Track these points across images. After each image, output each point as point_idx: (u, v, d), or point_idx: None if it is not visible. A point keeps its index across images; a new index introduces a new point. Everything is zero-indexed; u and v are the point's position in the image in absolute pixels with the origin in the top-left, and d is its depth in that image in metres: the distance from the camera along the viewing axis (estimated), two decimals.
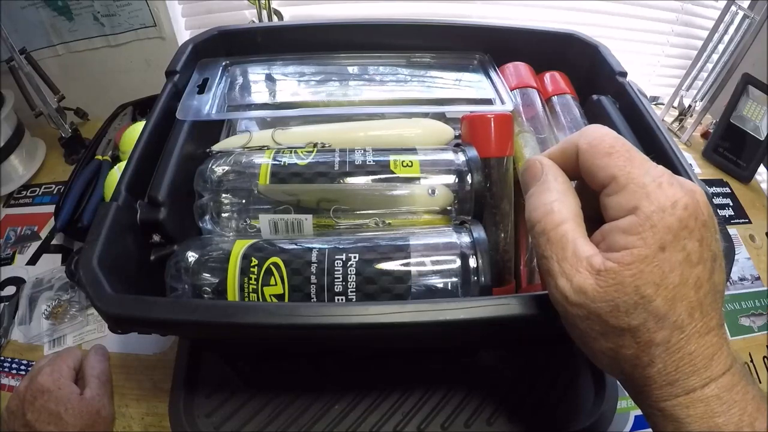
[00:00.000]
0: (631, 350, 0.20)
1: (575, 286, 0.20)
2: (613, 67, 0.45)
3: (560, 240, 0.21)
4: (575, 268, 0.20)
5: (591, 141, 0.22)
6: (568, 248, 0.21)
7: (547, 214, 0.22)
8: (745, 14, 0.65)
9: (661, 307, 0.20)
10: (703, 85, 0.75)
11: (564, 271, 0.21)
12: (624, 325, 0.20)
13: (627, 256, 0.20)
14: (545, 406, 0.42)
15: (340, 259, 0.31)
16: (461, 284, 0.32)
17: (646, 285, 0.19)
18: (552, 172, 0.23)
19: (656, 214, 0.19)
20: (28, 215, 0.63)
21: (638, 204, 0.20)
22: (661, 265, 0.19)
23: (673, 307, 0.20)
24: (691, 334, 0.20)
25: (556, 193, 0.22)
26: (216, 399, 0.41)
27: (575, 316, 0.21)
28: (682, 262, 0.20)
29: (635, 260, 0.19)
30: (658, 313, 0.20)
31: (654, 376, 0.21)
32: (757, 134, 0.67)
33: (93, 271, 0.28)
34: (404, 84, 0.47)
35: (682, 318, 0.20)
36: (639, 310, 0.20)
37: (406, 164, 0.37)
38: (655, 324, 0.20)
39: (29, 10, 0.63)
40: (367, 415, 0.41)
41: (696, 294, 0.20)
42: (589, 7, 0.80)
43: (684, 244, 0.20)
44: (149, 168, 0.36)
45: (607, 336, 0.21)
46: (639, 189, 0.20)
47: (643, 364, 0.21)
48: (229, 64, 0.47)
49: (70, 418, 0.39)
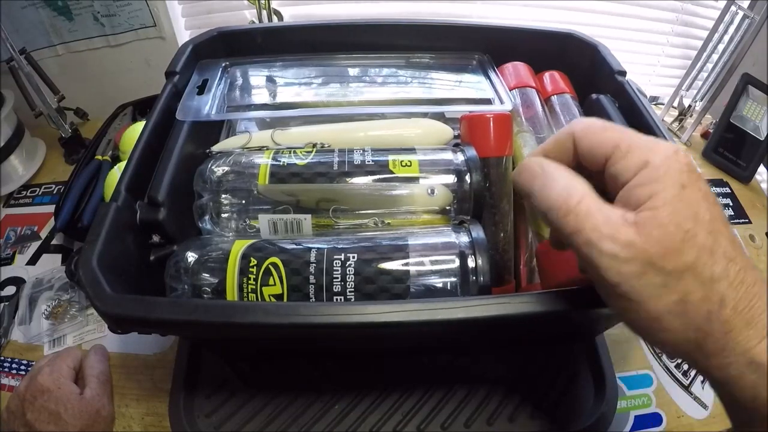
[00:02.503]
0: (698, 292, 0.20)
1: (622, 242, 0.20)
2: (613, 67, 0.45)
3: (588, 211, 0.21)
4: (614, 227, 0.21)
5: (584, 125, 0.24)
6: (599, 215, 0.21)
7: (568, 196, 0.22)
8: (745, 14, 0.65)
9: (706, 240, 0.20)
10: (703, 85, 0.75)
11: (604, 234, 0.21)
12: (681, 265, 0.20)
13: (656, 200, 0.20)
14: (545, 406, 0.42)
15: (339, 259, 0.31)
16: (460, 284, 0.32)
17: (685, 220, 0.20)
18: (551, 164, 0.24)
19: (666, 161, 0.21)
20: (28, 215, 0.63)
21: (646, 158, 0.21)
22: (689, 201, 0.20)
23: (717, 240, 0.20)
24: (745, 267, 0.20)
25: (565, 178, 0.23)
26: (216, 399, 0.41)
27: (631, 275, 0.20)
28: (704, 199, 0.21)
29: (665, 201, 0.20)
30: (706, 245, 0.20)
31: (731, 318, 0.20)
32: (757, 134, 0.67)
33: (93, 271, 0.28)
34: (403, 84, 0.47)
35: (729, 250, 0.20)
36: (688, 245, 0.20)
37: (405, 164, 0.37)
38: (708, 257, 0.20)
39: (29, 10, 0.63)
40: (367, 415, 0.41)
41: (727, 229, 0.21)
42: (589, 7, 0.80)
43: (698, 185, 0.21)
44: (149, 168, 0.36)
45: (669, 286, 0.20)
46: (642, 147, 0.22)
47: (715, 305, 0.20)
48: (228, 64, 0.47)
49: (70, 418, 0.39)
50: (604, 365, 0.43)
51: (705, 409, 0.47)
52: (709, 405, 0.47)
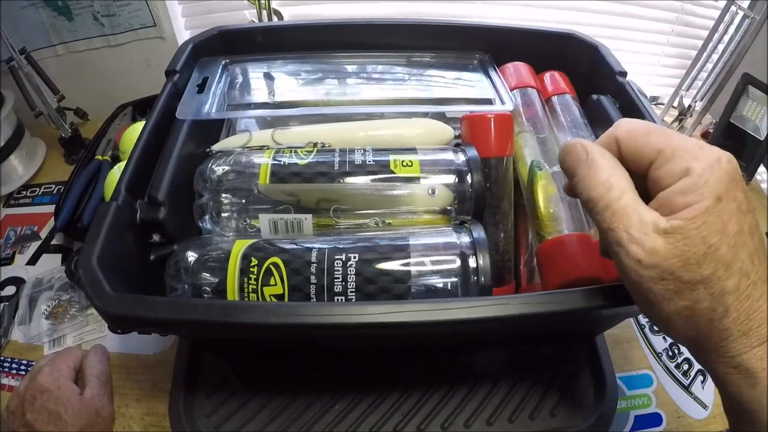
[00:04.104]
0: (706, 303, 0.21)
1: (647, 249, 0.22)
2: (613, 67, 0.45)
3: (624, 210, 0.22)
4: (643, 232, 0.22)
5: (628, 128, 0.24)
6: (633, 216, 0.22)
7: (608, 190, 0.23)
8: (745, 14, 0.65)
9: (726, 254, 0.21)
10: (703, 85, 0.75)
11: (634, 238, 0.22)
12: (697, 277, 0.21)
13: (690, 211, 0.21)
14: (545, 406, 0.42)
15: (340, 259, 0.31)
16: (461, 284, 0.32)
17: (711, 234, 0.21)
18: (597, 150, 0.25)
19: (707, 171, 0.21)
20: (28, 215, 0.63)
21: (689, 165, 0.22)
22: (721, 215, 0.21)
23: (737, 254, 0.21)
24: (756, 281, 0.21)
25: (609, 169, 0.24)
26: (216, 399, 0.41)
27: (649, 279, 0.22)
28: (737, 211, 0.21)
29: (698, 214, 0.21)
30: (725, 260, 0.21)
31: (731, 327, 0.21)
32: (757, 134, 0.67)
33: (93, 270, 0.28)
34: (404, 84, 0.47)
35: (746, 264, 0.21)
36: (708, 259, 0.21)
37: (406, 164, 0.37)
38: (724, 272, 0.21)
39: (29, 10, 0.63)
40: (367, 415, 0.41)
41: (752, 240, 0.22)
42: (589, 7, 0.80)
43: (735, 195, 0.21)
44: (149, 168, 0.36)
45: (681, 293, 0.22)
46: (685, 153, 0.22)
47: (719, 315, 0.21)
48: (228, 63, 0.47)
49: (70, 418, 0.39)
50: (604, 365, 0.43)
51: (705, 409, 0.47)
52: (709, 405, 0.47)
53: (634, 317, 0.53)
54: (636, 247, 0.22)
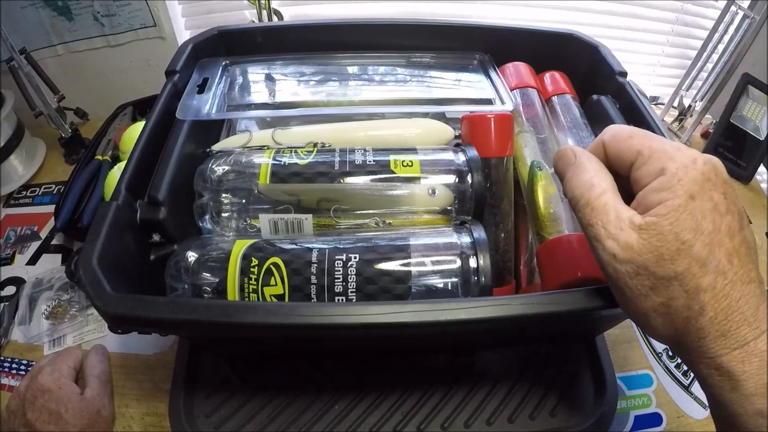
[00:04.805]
0: (681, 300, 0.22)
1: (622, 244, 0.22)
2: (613, 67, 0.45)
3: (603, 207, 0.23)
4: (619, 228, 0.23)
5: (613, 133, 0.26)
6: (611, 213, 0.23)
7: (589, 188, 0.24)
8: (745, 14, 0.65)
9: (701, 252, 0.21)
10: (703, 85, 0.75)
11: (610, 233, 0.23)
12: (671, 273, 0.21)
13: (662, 208, 0.22)
14: (545, 406, 0.42)
15: (341, 259, 0.31)
16: (461, 284, 0.32)
17: (684, 231, 0.21)
18: (584, 155, 0.26)
19: (681, 170, 0.22)
20: (28, 215, 0.63)
21: (664, 165, 0.23)
22: (694, 213, 0.21)
23: (712, 252, 0.21)
24: (735, 281, 0.21)
25: (593, 170, 0.25)
26: (216, 399, 0.41)
27: (625, 274, 0.23)
28: (712, 210, 0.22)
29: (670, 210, 0.22)
30: (700, 257, 0.21)
31: (707, 327, 0.22)
32: (757, 134, 0.67)
33: (93, 270, 0.28)
34: (404, 84, 0.47)
35: (723, 263, 0.21)
36: (682, 255, 0.21)
37: (406, 164, 0.37)
38: (699, 269, 0.21)
39: (29, 10, 0.63)
40: (367, 415, 0.41)
41: (731, 241, 0.22)
42: (589, 7, 0.80)
43: (710, 195, 0.22)
44: (149, 168, 0.36)
45: (656, 290, 0.22)
46: (662, 154, 0.23)
47: (695, 313, 0.22)
48: (228, 63, 0.47)
49: (71, 418, 0.39)
50: (604, 365, 0.43)
51: (705, 409, 0.47)
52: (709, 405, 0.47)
53: None
54: (611, 242, 0.23)
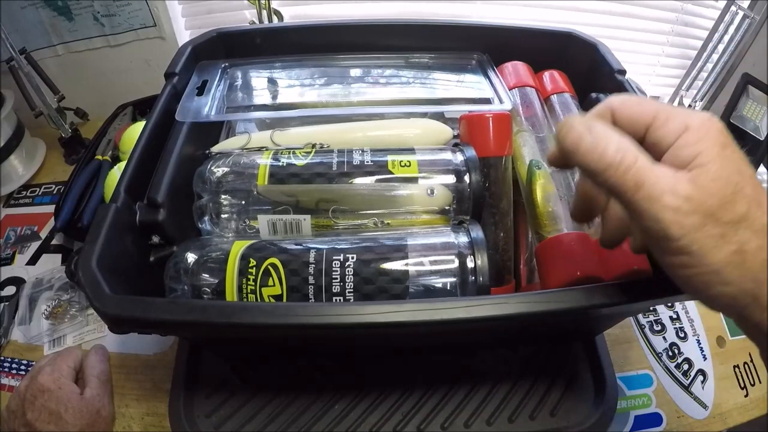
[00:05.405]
0: (753, 242, 0.21)
1: (683, 195, 0.22)
2: (612, 66, 0.45)
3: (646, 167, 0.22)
4: (673, 182, 0.22)
5: (621, 99, 0.25)
6: (656, 170, 0.22)
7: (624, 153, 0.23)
8: (745, 14, 0.65)
9: (753, 192, 0.22)
10: (703, 85, 0.75)
11: (665, 189, 0.22)
12: (736, 216, 0.21)
13: (703, 157, 0.22)
14: (545, 406, 0.42)
15: (338, 259, 0.31)
16: (459, 284, 0.32)
17: (732, 174, 0.22)
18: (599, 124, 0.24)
19: (704, 124, 0.22)
20: (28, 215, 0.63)
21: (686, 122, 0.23)
22: (732, 158, 0.22)
23: (761, 192, 0.22)
24: None
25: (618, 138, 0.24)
26: (216, 399, 0.41)
27: (692, 227, 0.22)
28: (743, 159, 0.22)
29: (711, 158, 0.22)
30: (754, 196, 0.22)
31: None
32: (757, 134, 0.67)
33: (92, 272, 0.28)
34: (403, 84, 0.47)
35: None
36: (738, 197, 0.21)
37: (405, 164, 0.37)
38: (757, 208, 0.21)
39: (29, 10, 0.63)
40: (367, 415, 0.41)
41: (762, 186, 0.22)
42: (589, 6, 0.80)
43: (734, 146, 0.22)
44: (149, 169, 0.36)
45: (726, 237, 0.21)
46: (680, 113, 0.23)
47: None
48: (228, 65, 0.47)
49: (71, 418, 0.39)
50: (604, 365, 0.44)
51: (705, 409, 0.47)
52: (709, 405, 0.47)
53: (633, 317, 0.53)
54: (671, 197, 0.22)
